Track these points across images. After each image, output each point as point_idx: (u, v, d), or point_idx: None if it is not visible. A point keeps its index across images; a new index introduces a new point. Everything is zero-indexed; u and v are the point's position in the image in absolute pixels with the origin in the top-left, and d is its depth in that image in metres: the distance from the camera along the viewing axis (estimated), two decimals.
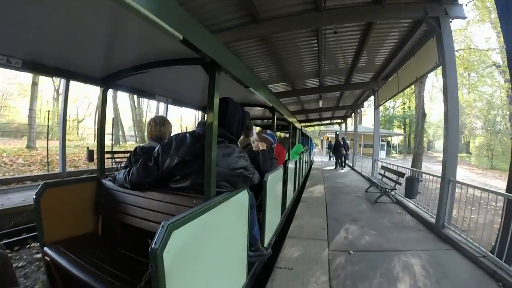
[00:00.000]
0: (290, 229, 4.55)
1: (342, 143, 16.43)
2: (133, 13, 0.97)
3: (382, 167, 8.58)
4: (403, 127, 44.14)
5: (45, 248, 1.94)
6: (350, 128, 24.97)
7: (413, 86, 16.69)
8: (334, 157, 17.30)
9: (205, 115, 2.09)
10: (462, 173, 21.91)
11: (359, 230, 4.75)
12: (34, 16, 1.31)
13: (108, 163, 8.61)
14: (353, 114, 20.35)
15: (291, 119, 5.29)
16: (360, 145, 30.54)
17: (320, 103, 11.12)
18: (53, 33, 1.50)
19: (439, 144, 54.34)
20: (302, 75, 10.49)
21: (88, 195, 2.34)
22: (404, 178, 6.84)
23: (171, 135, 2.29)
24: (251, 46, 7.38)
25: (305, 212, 5.64)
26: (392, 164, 8.77)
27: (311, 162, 17.84)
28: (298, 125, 6.89)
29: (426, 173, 6.47)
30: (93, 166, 13.02)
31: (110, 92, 2.55)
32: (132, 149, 2.41)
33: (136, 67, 2.08)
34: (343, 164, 16.72)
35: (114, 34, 1.59)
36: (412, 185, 6.75)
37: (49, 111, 12.97)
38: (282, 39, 7.03)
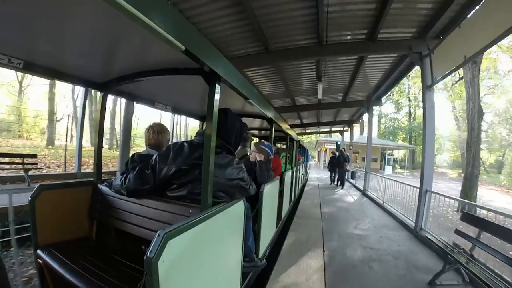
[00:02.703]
0: None
1: (343, 156, 13.70)
2: (137, 22, 0.99)
3: (465, 216, 3.83)
4: (408, 139, 41.72)
5: (38, 251, 1.93)
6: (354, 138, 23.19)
7: (458, 71, 12.53)
8: (337, 174, 14.08)
9: (203, 125, 2.10)
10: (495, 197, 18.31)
11: None
12: (38, 18, 1.33)
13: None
14: (364, 116, 18.42)
15: (289, 131, 5.32)
16: (362, 159, 29.09)
17: (319, 93, 9.25)
18: (56, 36, 1.52)
19: (442, 158, 50.96)
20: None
21: (84, 199, 2.33)
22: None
23: (169, 143, 2.30)
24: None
25: None
26: (408, 184, 7.34)
27: (305, 180, 14.98)
28: (295, 137, 6.90)
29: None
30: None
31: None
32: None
33: (137, 74, 2.10)
34: (342, 182, 13.84)
35: (116, 41, 1.62)
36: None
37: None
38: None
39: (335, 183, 14.22)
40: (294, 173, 6.77)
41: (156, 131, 2.49)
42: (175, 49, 1.22)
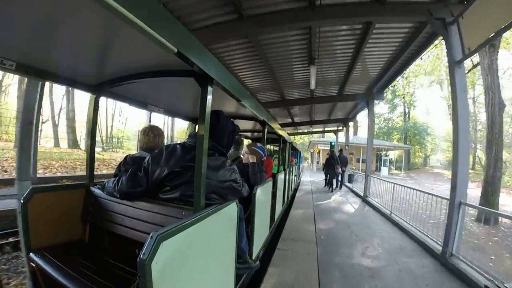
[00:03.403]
0: None
1: (338, 157, 12.92)
2: (129, 24, 0.99)
3: None
4: (403, 139, 40.65)
5: (31, 254, 1.91)
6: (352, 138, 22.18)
7: (473, 57, 11.17)
8: (328, 176, 13.06)
9: (196, 127, 2.11)
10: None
11: None
12: (29, 20, 1.32)
13: None
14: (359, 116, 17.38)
15: (281, 133, 5.35)
16: (357, 160, 28.62)
17: (313, 83, 7.99)
18: (47, 38, 1.52)
19: (435, 158, 50.86)
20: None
21: (77, 202, 2.32)
22: None
23: (162, 146, 2.30)
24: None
25: None
26: (414, 189, 6.42)
27: (297, 184, 13.99)
28: (288, 138, 6.94)
29: None
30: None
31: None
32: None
33: (129, 76, 2.10)
34: (339, 185, 13.39)
35: (108, 43, 1.62)
36: None
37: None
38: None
39: (331, 186, 12.91)
40: (287, 175, 6.80)
41: (152, 134, 2.49)
42: (167, 51, 1.23)
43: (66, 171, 11.62)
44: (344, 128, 18.76)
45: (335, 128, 22.11)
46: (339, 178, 13.31)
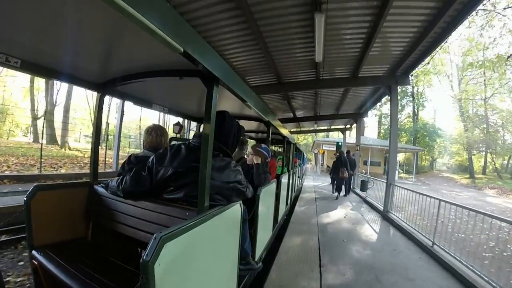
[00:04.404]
0: None
1: (346, 159, 11.03)
2: (136, 23, 0.98)
3: None
4: (412, 141, 38.23)
5: (33, 252, 1.92)
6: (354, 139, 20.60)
7: None
8: (335, 181, 11.37)
9: (201, 127, 2.09)
10: None
11: None
12: (35, 17, 1.32)
13: None
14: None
15: (285, 133, 5.33)
16: (364, 163, 27.15)
17: (319, 51, 6.01)
18: (53, 35, 1.52)
19: (441, 162, 49.48)
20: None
21: (80, 200, 2.32)
22: None
23: (166, 145, 2.29)
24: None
25: None
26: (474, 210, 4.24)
27: (298, 190, 11.77)
28: (292, 139, 6.91)
29: None
30: None
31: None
32: None
33: (135, 75, 2.10)
34: (347, 190, 11.64)
35: (115, 42, 1.62)
36: None
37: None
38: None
39: (338, 192, 11.14)
40: (291, 176, 6.77)
41: (155, 133, 2.48)
42: (173, 50, 1.22)
43: (17, 170, 10.41)
44: (355, 125, 16.25)
45: (343, 126, 20.19)
46: (347, 183, 11.50)
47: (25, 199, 1.94)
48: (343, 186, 11.25)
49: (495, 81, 30.15)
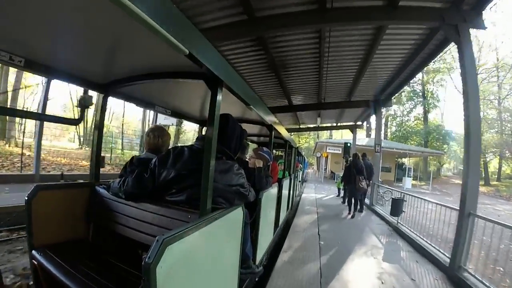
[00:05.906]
0: None
1: (362, 164, 8.03)
2: (142, 24, 0.98)
3: None
4: (423, 144, 33.97)
5: (33, 252, 1.91)
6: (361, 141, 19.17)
7: None
8: (347, 192, 8.84)
9: (203, 129, 2.09)
10: None
11: None
12: (40, 16, 1.32)
13: None
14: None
15: (287, 137, 5.32)
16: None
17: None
18: (58, 35, 1.52)
19: (446, 167, 46.77)
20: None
21: (81, 201, 2.31)
22: None
23: (169, 147, 2.29)
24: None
25: None
26: None
27: (295, 203, 9.32)
28: (293, 143, 6.90)
29: None
30: None
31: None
32: None
33: (139, 77, 2.10)
34: (359, 207, 8.38)
35: (119, 42, 1.62)
36: None
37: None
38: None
39: (353, 209, 8.05)
40: (292, 181, 6.75)
41: (157, 135, 2.48)
42: (178, 52, 1.21)
43: None
44: (374, 116, 11.52)
45: (352, 123, 16.19)
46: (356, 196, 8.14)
47: (26, 198, 1.93)
48: (359, 201, 8.35)
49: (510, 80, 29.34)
